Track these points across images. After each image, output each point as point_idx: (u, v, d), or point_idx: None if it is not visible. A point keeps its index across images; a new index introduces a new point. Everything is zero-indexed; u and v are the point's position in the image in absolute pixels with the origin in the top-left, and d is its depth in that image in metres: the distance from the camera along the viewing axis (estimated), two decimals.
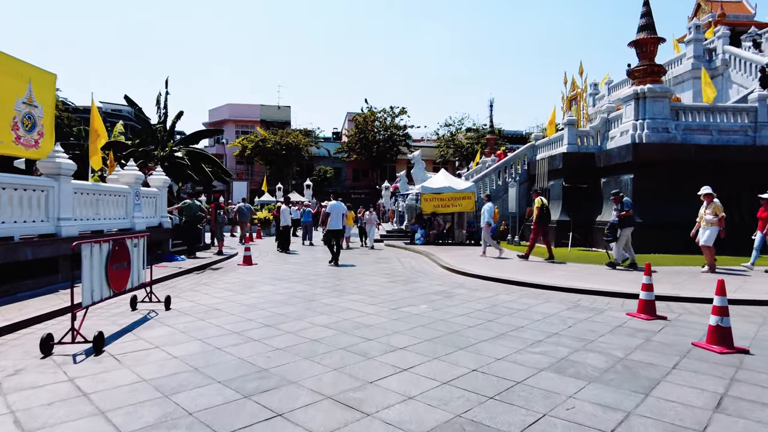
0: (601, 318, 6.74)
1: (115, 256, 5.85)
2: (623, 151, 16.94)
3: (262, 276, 10.72)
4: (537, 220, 13.11)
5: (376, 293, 8.53)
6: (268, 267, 12.48)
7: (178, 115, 17.50)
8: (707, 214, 10.63)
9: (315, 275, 10.87)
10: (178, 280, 10.09)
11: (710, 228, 10.55)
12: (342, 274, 11.02)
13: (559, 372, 4.47)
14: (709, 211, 10.60)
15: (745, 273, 10.42)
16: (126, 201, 11.44)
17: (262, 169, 48.53)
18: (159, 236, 12.90)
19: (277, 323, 6.26)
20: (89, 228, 9.92)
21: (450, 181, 19.55)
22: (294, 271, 11.72)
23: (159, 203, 13.28)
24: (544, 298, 8.17)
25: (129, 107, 17.29)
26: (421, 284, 9.62)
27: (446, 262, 12.47)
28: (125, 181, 11.59)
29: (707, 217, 10.62)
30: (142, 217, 12.03)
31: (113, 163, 15.71)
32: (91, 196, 9.99)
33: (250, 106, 54.24)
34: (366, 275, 10.88)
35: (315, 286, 9.34)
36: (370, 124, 48.37)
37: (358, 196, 50.57)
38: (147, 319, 6.49)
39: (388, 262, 13.58)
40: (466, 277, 10.57)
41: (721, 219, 10.40)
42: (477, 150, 48.46)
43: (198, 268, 11.83)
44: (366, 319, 6.53)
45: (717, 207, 10.52)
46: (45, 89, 8.80)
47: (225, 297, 8.16)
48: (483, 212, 14.45)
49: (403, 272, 11.49)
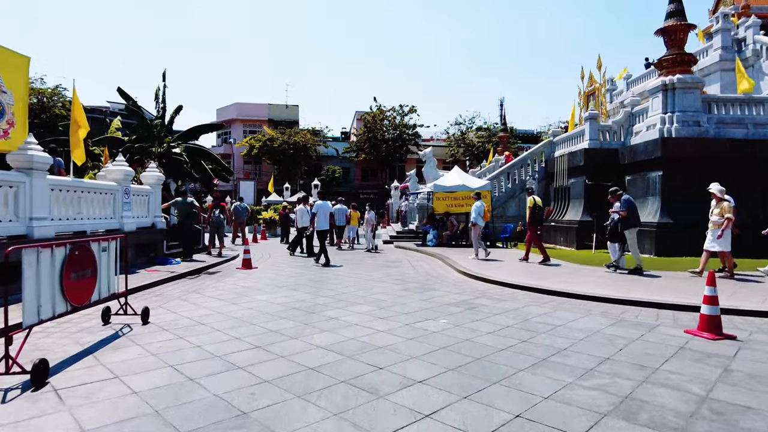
0: (655, 337, 5.63)
1: (73, 263, 4.85)
2: (650, 146, 15.76)
3: (260, 282, 9.71)
4: (529, 220, 12.47)
5: (387, 304, 7.47)
6: (269, 271, 11.47)
7: (176, 109, 16.59)
8: (714, 214, 9.62)
9: (318, 281, 9.85)
10: (168, 287, 9.11)
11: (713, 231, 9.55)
12: (348, 280, 9.99)
13: (629, 419, 3.39)
14: (716, 211, 9.57)
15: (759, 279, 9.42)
16: (114, 199, 10.50)
17: (269, 168, 47.82)
18: (152, 237, 11.95)
19: (269, 343, 5.23)
20: (69, 229, 8.97)
21: (464, 179, 18.46)
22: (296, 276, 10.71)
23: (152, 202, 12.33)
24: (582, 311, 7.07)
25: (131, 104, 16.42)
26: (438, 293, 8.55)
27: (463, 267, 11.39)
28: (113, 178, 10.66)
29: (713, 218, 9.62)
30: (132, 217, 11.09)
31: (108, 160, 14.85)
32: (72, 194, 9.04)
33: (258, 105, 53.70)
34: (375, 282, 9.83)
35: (318, 294, 8.30)
36: (379, 122, 47.40)
37: (366, 196, 49.69)
38: (117, 337, 5.49)
39: (399, 266, 12.52)
40: (488, 284, 9.48)
41: (727, 221, 9.30)
42: (488, 149, 47.56)
43: (192, 273, 10.86)
44: (376, 338, 5.47)
45: (724, 207, 9.43)
46: (16, 73, 7.86)
47: (214, 308, 7.15)
48: (472, 211, 13.66)
49: (417, 278, 10.43)
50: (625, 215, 10.15)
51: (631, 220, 10.24)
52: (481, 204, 13.63)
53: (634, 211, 10.38)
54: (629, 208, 10.24)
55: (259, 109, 53.49)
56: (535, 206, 12.48)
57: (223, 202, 15.50)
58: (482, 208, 13.58)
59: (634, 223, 10.30)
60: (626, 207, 10.19)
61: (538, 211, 12.49)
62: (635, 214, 10.39)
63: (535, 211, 12.44)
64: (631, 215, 10.24)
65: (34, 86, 37.31)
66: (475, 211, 13.46)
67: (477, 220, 13.38)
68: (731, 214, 9.30)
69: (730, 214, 9.29)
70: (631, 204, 10.34)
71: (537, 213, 12.47)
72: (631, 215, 10.22)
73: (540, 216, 12.66)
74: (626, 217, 10.18)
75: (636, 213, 10.45)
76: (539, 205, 12.59)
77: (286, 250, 16.02)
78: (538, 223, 12.71)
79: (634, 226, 10.33)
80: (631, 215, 10.22)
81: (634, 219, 10.29)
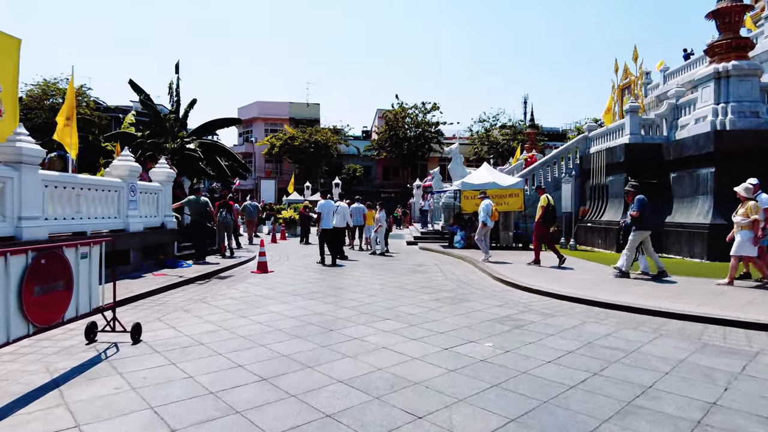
0: (760, 370, 4.46)
1: (38, 275, 3.94)
2: (701, 140, 14.34)
3: (274, 289, 8.75)
4: (541, 219, 11.82)
5: (418, 319, 6.42)
6: (285, 276, 10.52)
7: (190, 103, 15.78)
8: (737, 215, 8.68)
9: (339, 288, 8.85)
10: (173, 294, 8.21)
11: (740, 233, 8.55)
12: (372, 288, 8.96)
13: None
14: (741, 211, 8.62)
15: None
16: (118, 197, 9.68)
17: (290, 167, 47.31)
18: (161, 238, 11.13)
19: (278, 374, 4.23)
20: (66, 229, 8.15)
21: (494, 177, 17.26)
22: (315, 282, 9.73)
23: (162, 200, 11.50)
24: (652, 330, 5.91)
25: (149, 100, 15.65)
26: (475, 304, 7.45)
27: (499, 273, 10.26)
28: (118, 174, 9.84)
29: (736, 219, 8.69)
30: (139, 216, 10.26)
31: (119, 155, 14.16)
32: (69, 191, 8.22)
33: (279, 103, 53.42)
34: (402, 290, 8.78)
35: (338, 305, 7.29)
36: (400, 120, 46.36)
37: (387, 195, 48.74)
38: (98, 361, 4.56)
39: (427, 271, 11.45)
40: (530, 294, 8.34)
41: (754, 222, 8.31)
42: (514, 147, 46.05)
43: (202, 277, 9.97)
44: (409, 368, 4.42)
45: (750, 208, 8.42)
46: (3, 56, 7.05)
47: (219, 322, 6.19)
48: (480, 211, 12.98)
49: (448, 286, 9.34)
50: (637, 215, 9.47)
51: (643, 221, 9.54)
52: (488, 203, 12.90)
53: (648, 212, 9.66)
54: (642, 208, 9.51)
55: (280, 108, 53.13)
56: (548, 205, 11.78)
57: (231, 201, 14.58)
58: (490, 207, 12.83)
59: (645, 225, 9.59)
60: (639, 207, 9.50)
61: (550, 211, 11.81)
62: (648, 217, 9.67)
63: (547, 210, 11.75)
64: (644, 217, 9.54)
65: (60, 86, 37.41)
66: (483, 211, 12.76)
67: (486, 219, 12.67)
68: (758, 215, 8.34)
69: (757, 215, 8.33)
70: (645, 204, 9.59)
71: (549, 212, 11.79)
72: (644, 216, 9.52)
73: (553, 216, 11.99)
74: (638, 218, 9.50)
75: (648, 215, 9.69)
76: (551, 204, 11.91)
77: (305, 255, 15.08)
78: (550, 223, 12.03)
79: (646, 228, 9.62)
80: (644, 216, 9.52)
81: (646, 221, 9.58)
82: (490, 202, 13.01)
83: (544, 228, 11.98)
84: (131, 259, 9.84)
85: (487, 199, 13.06)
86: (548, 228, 12.16)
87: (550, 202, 11.89)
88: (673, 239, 14.96)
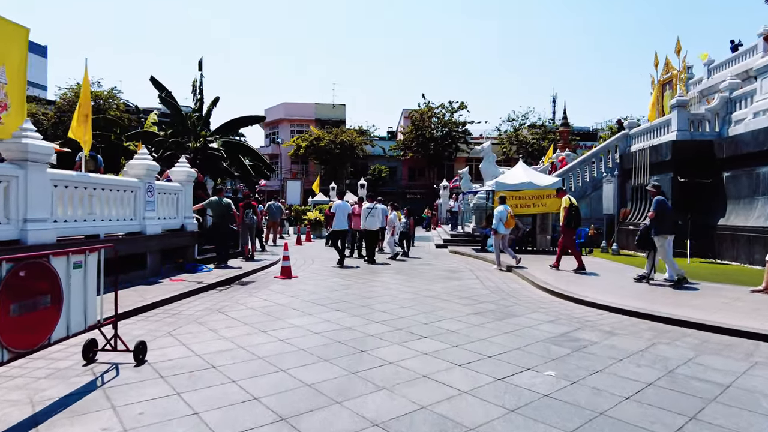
0: None
1: (15, 290, 3.30)
2: (761, 136, 13.11)
3: (298, 298, 8.05)
4: (565, 222, 11.13)
5: (461, 337, 5.60)
6: (310, 282, 9.83)
7: (213, 101, 15.29)
8: None
9: (367, 297, 8.09)
10: (189, 303, 7.59)
11: None
12: (403, 297, 8.18)
13: None
14: None
15: None
16: (134, 197, 9.15)
17: (316, 168, 47.00)
18: (180, 241, 10.59)
19: (299, 412, 3.48)
20: (77, 232, 7.63)
21: (530, 176, 16.27)
22: (341, 288, 9.00)
23: (182, 201, 10.96)
24: (743, 355, 4.96)
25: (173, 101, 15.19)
26: (522, 320, 6.59)
27: (543, 281, 9.35)
28: (134, 173, 9.33)
29: None
30: (156, 218, 9.73)
31: None
32: (81, 191, 7.69)
33: (304, 104, 53.25)
34: (437, 299, 7.97)
35: (368, 318, 6.54)
36: (427, 120, 45.40)
37: (413, 196, 47.87)
38: (92, 389, 3.90)
39: (461, 278, 10.60)
40: (582, 307, 7.43)
41: None
42: (544, 146, 44.63)
43: (222, 283, 9.36)
44: (459, 406, 3.62)
45: None
46: (9, 44, 6.54)
47: (236, 337, 5.51)
48: (494, 217, 12.19)
49: (488, 295, 8.49)
50: (654, 217, 8.93)
51: (662, 224, 8.94)
52: (504, 209, 11.97)
53: (666, 214, 9.03)
54: (660, 210, 8.96)
55: (306, 109, 52.93)
56: (570, 207, 11.10)
57: (254, 201, 14.00)
58: (505, 213, 11.90)
59: (664, 228, 8.96)
60: (656, 208, 8.96)
61: (574, 213, 11.12)
62: (667, 219, 9.02)
63: (570, 212, 11.07)
64: (662, 219, 8.94)
65: (93, 90, 38.02)
66: (497, 217, 11.93)
67: (498, 227, 11.85)
68: None
69: None
70: (662, 205, 9.03)
71: (573, 215, 11.09)
72: (661, 219, 8.93)
73: (577, 218, 11.25)
74: (655, 220, 8.94)
75: (668, 217, 9.07)
76: (575, 205, 11.25)
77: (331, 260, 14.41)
78: (574, 226, 11.28)
79: (665, 232, 8.99)
80: (661, 219, 8.93)
81: (665, 224, 8.96)
82: (505, 208, 12.09)
83: (568, 232, 11.22)
84: (148, 263, 9.31)
85: (503, 205, 12.20)
86: (572, 231, 11.42)
87: (573, 203, 11.20)
88: (727, 244, 13.76)
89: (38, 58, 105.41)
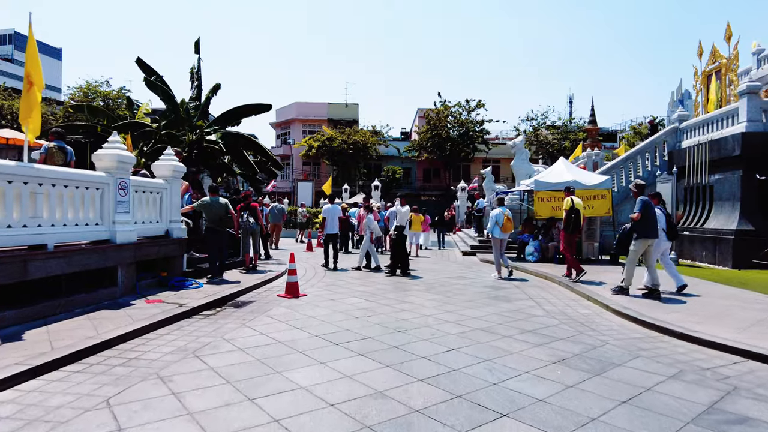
0: None
1: None
2: None
3: (305, 330, 6.04)
4: (565, 226, 10.32)
5: (558, 415, 3.53)
6: (322, 304, 7.82)
7: (213, 88, 13.35)
8: None
9: (401, 331, 6.05)
10: (158, 339, 5.60)
11: None
12: (447, 332, 6.13)
13: None
14: None
15: None
16: (101, 196, 7.24)
17: (327, 169, 45.24)
18: (163, 250, 8.65)
19: None
20: (12, 242, 5.70)
21: (575, 174, 14.14)
22: (362, 316, 6.96)
23: (166, 201, 9.04)
24: None
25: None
26: (630, 373, 4.50)
27: (620, 305, 7.26)
28: (103, 166, 7.41)
29: None
30: (131, 222, 7.79)
31: (130, 149, 11.94)
32: (18, 187, 5.77)
33: (317, 104, 51.79)
34: (496, 336, 5.89)
35: (408, 371, 4.48)
36: (443, 119, 43.32)
37: (428, 198, 45.85)
38: None
39: (510, 298, 8.53)
40: (700, 348, 5.33)
41: None
42: (565, 146, 42.42)
43: (211, 305, 7.39)
44: None
45: None
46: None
47: (207, 413, 3.51)
48: (489, 220, 11.39)
49: (557, 327, 6.41)
50: (637, 219, 8.02)
51: (645, 227, 8.07)
52: (500, 212, 10.98)
53: (648, 217, 8.09)
54: (644, 211, 8.04)
55: (319, 109, 51.37)
56: (571, 210, 10.20)
57: (255, 203, 12.07)
58: (501, 216, 10.90)
59: (647, 232, 8.10)
60: (641, 209, 8.05)
61: (573, 217, 10.20)
62: (651, 222, 8.13)
63: (570, 215, 10.19)
64: (644, 222, 8.05)
65: (101, 89, 36.69)
66: (492, 220, 11.05)
67: (493, 230, 10.97)
68: None
69: None
70: (646, 206, 8.08)
71: (572, 218, 10.20)
72: (644, 222, 8.05)
73: (576, 222, 10.28)
74: (639, 223, 8.05)
75: (652, 220, 8.14)
76: (575, 207, 10.26)
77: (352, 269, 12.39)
78: (575, 230, 10.35)
79: (647, 236, 8.12)
80: (644, 222, 8.05)
81: (646, 227, 8.08)
82: (502, 210, 11.04)
83: (568, 236, 10.34)
84: (119, 279, 7.38)
85: (500, 208, 11.18)
86: (574, 236, 10.56)
87: (574, 206, 10.21)
88: None
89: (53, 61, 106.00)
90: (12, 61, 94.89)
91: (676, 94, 39.48)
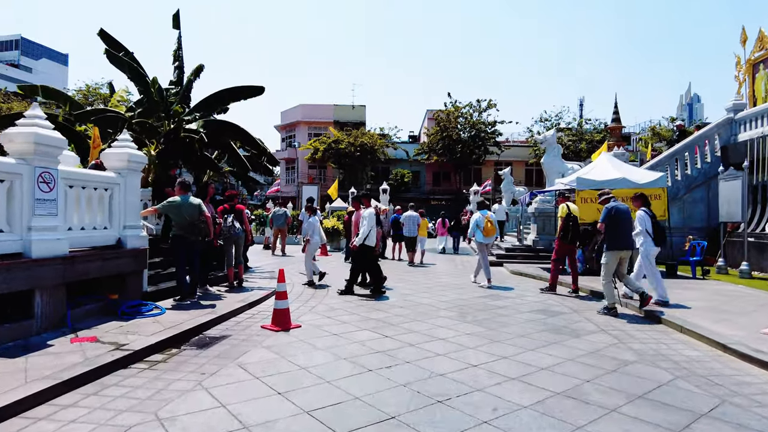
0: None
1: None
2: None
3: (291, 397, 3.86)
4: (560, 235, 9.53)
5: None
6: (321, 341, 5.65)
7: (195, 70, 11.18)
8: None
9: (440, 398, 3.88)
10: (45, 421, 3.48)
11: None
12: (519, 399, 3.95)
13: None
14: None
15: None
16: (7, 193, 5.14)
17: (334, 173, 43.36)
18: (112, 266, 6.52)
19: None
20: None
21: (623, 171, 11.89)
22: (380, 364, 4.80)
23: (118, 200, 6.90)
24: None
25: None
26: None
27: (752, 348, 5.06)
28: (16, 150, 5.31)
29: None
30: (59, 228, 5.66)
31: (98, 141, 9.97)
32: None
33: (323, 106, 50.27)
34: (597, 411, 3.70)
35: None
36: (453, 121, 41.26)
37: (438, 202, 43.79)
38: None
39: (578, 332, 6.27)
40: None
41: None
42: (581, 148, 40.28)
43: (164, 345, 5.24)
44: None
45: None
46: None
47: None
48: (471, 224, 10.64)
49: (674, 385, 4.21)
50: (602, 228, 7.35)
51: (610, 238, 7.34)
52: (480, 216, 10.30)
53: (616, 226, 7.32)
54: (609, 220, 7.30)
55: (325, 111, 49.70)
56: (568, 216, 9.41)
57: (240, 205, 9.94)
58: (482, 220, 10.17)
59: (615, 243, 7.33)
60: (604, 219, 7.35)
61: (571, 224, 9.39)
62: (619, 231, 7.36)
63: (567, 223, 9.38)
64: (611, 232, 7.32)
65: (101, 92, 35.20)
66: (474, 224, 10.38)
67: (474, 232, 10.32)
68: None
69: None
70: (612, 215, 7.32)
71: (569, 225, 9.36)
72: (610, 231, 7.32)
73: (575, 231, 9.46)
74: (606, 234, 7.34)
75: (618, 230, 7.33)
76: (573, 215, 9.54)
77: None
78: (573, 240, 9.53)
79: (616, 248, 7.34)
80: (610, 231, 7.32)
81: (613, 237, 7.33)
82: (483, 214, 10.33)
83: (566, 247, 9.54)
84: (35, 308, 5.25)
85: (480, 212, 10.50)
86: (570, 246, 9.62)
87: (571, 212, 9.50)
88: None
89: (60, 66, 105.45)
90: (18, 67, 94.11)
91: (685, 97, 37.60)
